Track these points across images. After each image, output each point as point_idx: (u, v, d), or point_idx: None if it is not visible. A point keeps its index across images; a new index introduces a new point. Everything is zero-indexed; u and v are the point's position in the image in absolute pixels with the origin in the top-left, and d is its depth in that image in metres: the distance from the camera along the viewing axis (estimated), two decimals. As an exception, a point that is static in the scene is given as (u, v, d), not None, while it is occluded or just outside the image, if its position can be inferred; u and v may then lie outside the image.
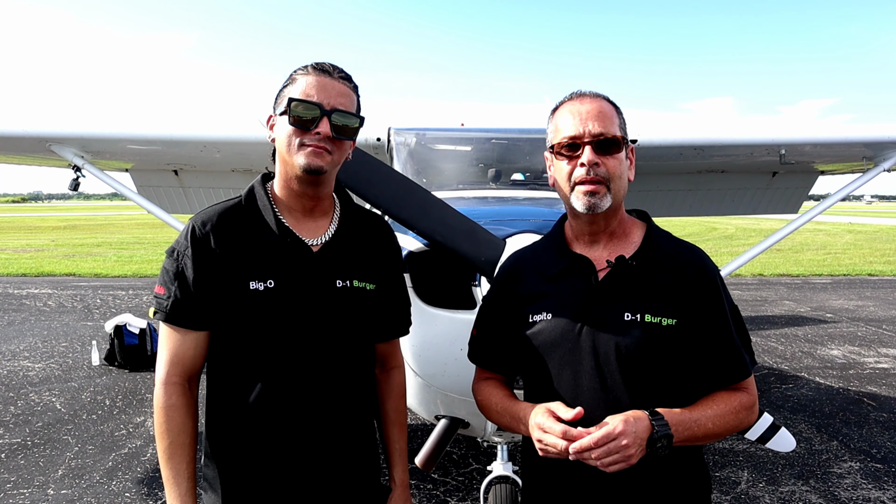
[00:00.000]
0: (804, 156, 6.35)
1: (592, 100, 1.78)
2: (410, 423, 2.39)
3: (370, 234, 1.93)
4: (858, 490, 4.60)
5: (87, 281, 16.14)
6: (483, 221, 2.71)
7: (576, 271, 1.79)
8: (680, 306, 1.71)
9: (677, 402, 1.73)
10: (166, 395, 1.74)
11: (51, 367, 7.86)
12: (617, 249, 1.79)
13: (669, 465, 1.72)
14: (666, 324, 1.69)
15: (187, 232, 1.76)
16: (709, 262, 1.81)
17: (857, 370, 7.84)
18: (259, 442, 1.76)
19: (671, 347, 1.71)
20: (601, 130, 1.72)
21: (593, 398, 1.70)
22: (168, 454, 1.74)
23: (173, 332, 1.76)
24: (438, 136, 5.06)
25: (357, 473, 1.89)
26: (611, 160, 1.72)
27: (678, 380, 1.75)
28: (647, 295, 1.72)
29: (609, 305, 1.73)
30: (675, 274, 1.74)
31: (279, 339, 1.74)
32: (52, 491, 4.55)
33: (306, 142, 1.69)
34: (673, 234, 1.87)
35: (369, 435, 1.95)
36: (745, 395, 1.78)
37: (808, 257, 21.95)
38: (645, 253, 1.77)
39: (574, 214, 1.80)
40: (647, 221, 1.88)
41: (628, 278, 1.74)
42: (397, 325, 2.04)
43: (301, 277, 1.75)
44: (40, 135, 5.40)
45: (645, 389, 1.71)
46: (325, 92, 1.70)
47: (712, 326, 1.75)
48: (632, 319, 1.70)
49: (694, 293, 1.73)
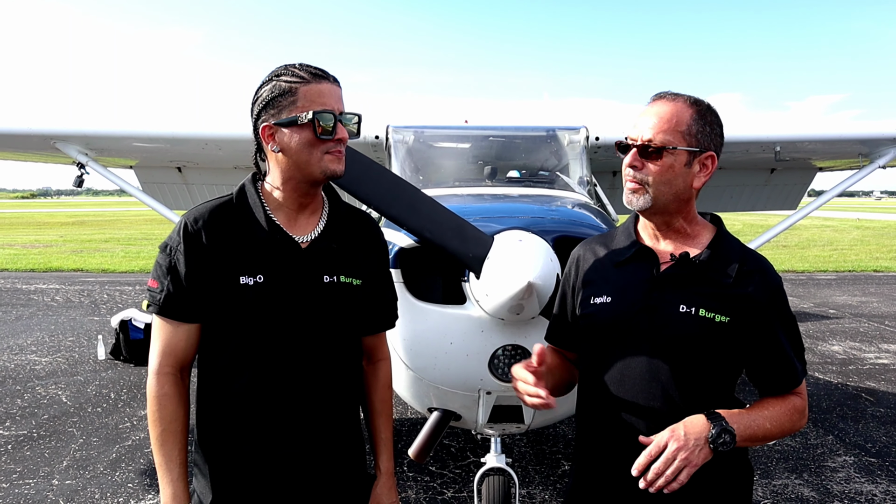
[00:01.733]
0: (801, 152, 6.37)
1: (665, 103, 1.83)
2: (405, 417, 2.45)
3: (357, 231, 2.00)
4: (851, 483, 4.64)
5: (95, 276, 16.28)
6: (473, 219, 2.77)
7: (641, 261, 1.88)
8: (735, 307, 1.78)
9: (719, 397, 1.82)
10: (159, 384, 1.82)
11: (57, 361, 7.97)
12: (684, 247, 1.87)
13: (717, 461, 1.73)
14: (719, 320, 1.77)
15: (180, 228, 1.83)
16: (772, 272, 1.87)
17: (856, 366, 7.87)
18: (247, 430, 1.83)
19: (721, 343, 1.79)
20: (650, 136, 1.79)
21: (640, 382, 1.81)
22: (160, 441, 1.81)
23: (166, 324, 1.83)
24: (436, 133, 5.11)
25: (343, 461, 1.97)
26: (652, 165, 1.79)
27: (723, 376, 1.84)
28: (705, 292, 1.80)
29: (667, 296, 1.81)
30: (737, 279, 1.81)
31: (267, 331, 1.81)
32: (57, 481, 4.65)
33: (329, 150, 1.78)
34: (742, 242, 1.94)
35: (355, 425, 2.02)
36: (798, 399, 1.86)
37: (815, 253, 21.89)
38: (711, 254, 1.84)
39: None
40: (718, 225, 1.95)
41: (689, 275, 1.82)
42: (384, 318, 2.11)
43: (289, 273, 1.82)
44: (45, 132, 5.49)
45: (690, 379, 1.79)
46: (332, 97, 1.78)
47: (767, 333, 1.81)
48: (686, 312, 1.78)
49: (752, 298, 1.79)
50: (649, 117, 1.82)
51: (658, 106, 1.83)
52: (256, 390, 1.82)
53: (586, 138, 5.04)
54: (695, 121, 1.81)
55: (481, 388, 2.94)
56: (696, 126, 1.81)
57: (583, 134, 5.08)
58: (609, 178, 7.22)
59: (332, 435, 1.92)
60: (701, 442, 1.65)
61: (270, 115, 1.79)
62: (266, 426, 1.83)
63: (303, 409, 1.85)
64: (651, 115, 1.82)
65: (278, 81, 1.78)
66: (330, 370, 1.89)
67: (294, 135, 1.77)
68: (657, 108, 1.83)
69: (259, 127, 1.82)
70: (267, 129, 1.80)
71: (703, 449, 1.65)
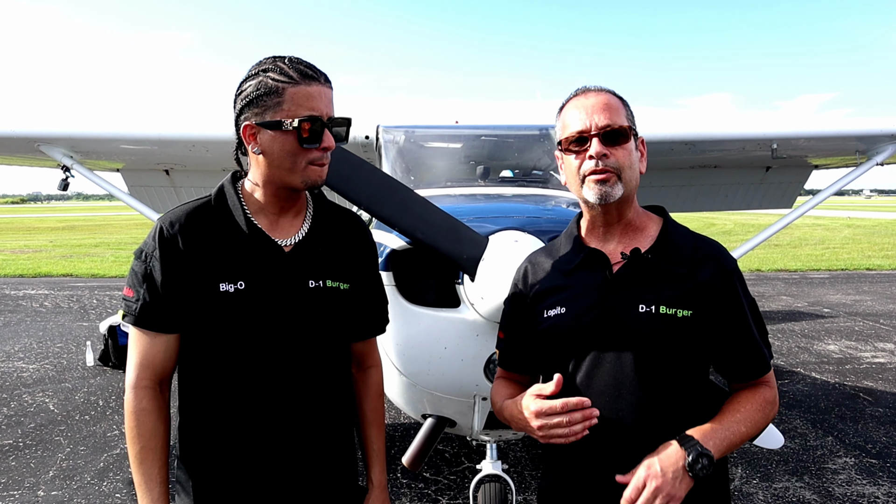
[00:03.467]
0: (797, 150, 6.33)
1: (598, 93, 1.80)
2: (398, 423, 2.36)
3: (344, 233, 1.90)
4: (853, 486, 4.58)
5: (84, 281, 16.12)
6: (466, 219, 2.69)
7: (591, 266, 1.79)
8: (696, 298, 1.71)
9: (689, 396, 1.74)
10: (136, 399, 1.71)
11: (45, 368, 7.84)
12: (632, 243, 1.79)
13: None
14: (681, 315, 1.69)
15: (155, 233, 1.73)
16: (727, 256, 1.80)
17: (853, 365, 7.83)
18: (232, 445, 1.74)
19: (686, 339, 1.71)
20: (608, 122, 1.73)
21: (607, 391, 1.71)
22: (140, 459, 1.71)
23: (143, 335, 1.73)
24: (427, 133, 5.04)
25: (334, 475, 1.87)
26: (619, 150, 1.73)
27: (691, 373, 1.76)
28: (663, 287, 1.72)
29: (623, 298, 1.73)
30: (692, 267, 1.74)
31: (250, 341, 1.71)
32: (43, 492, 4.54)
33: (313, 160, 1.68)
34: (691, 229, 1.87)
35: (346, 436, 1.92)
36: (767, 390, 1.78)
37: (807, 252, 21.93)
38: (661, 246, 1.78)
39: (588, 207, 1.81)
40: (663, 216, 1.88)
41: (643, 271, 1.74)
42: (373, 324, 2.02)
43: (272, 278, 1.72)
44: (28, 135, 5.38)
45: (657, 382, 1.71)
46: (322, 101, 1.67)
47: (731, 320, 1.75)
48: (646, 311, 1.70)
49: (711, 286, 1.73)
50: (594, 107, 1.75)
51: (594, 97, 1.78)
52: (240, 403, 1.72)
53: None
54: (624, 106, 1.81)
55: (476, 393, 2.85)
56: (627, 111, 1.81)
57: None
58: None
59: (322, 447, 1.82)
60: (679, 472, 1.58)
61: (253, 114, 1.67)
62: (251, 440, 1.73)
63: (290, 421, 1.75)
64: (592, 105, 1.76)
65: (265, 78, 1.66)
66: (317, 379, 1.79)
67: (277, 139, 1.66)
68: (595, 99, 1.77)
69: (241, 125, 1.71)
70: (249, 128, 1.69)
71: (682, 479, 1.58)
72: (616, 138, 1.73)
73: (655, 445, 1.66)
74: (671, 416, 1.70)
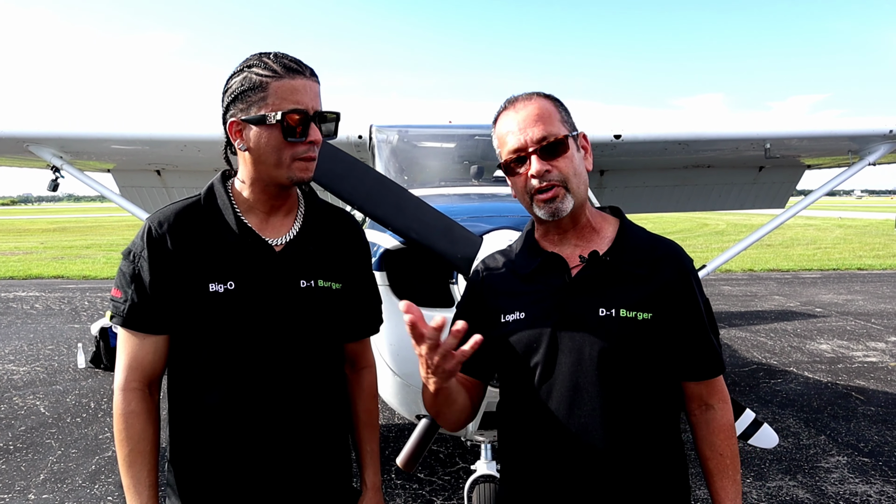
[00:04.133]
0: (790, 150, 6.34)
1: (527, 102, 1.73)
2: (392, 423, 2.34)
3: (336, 232, 1.88)
4: (846, 484, 4.59)
5: (76, 283, 16.02)
6: (460, 218, 2.68)
7: (549, 270, 1.75)
8: (655, 300, 1.69)
9: (652, 400, 1.71)
10: (125, 401, 1.68)
11: (36, 371, 7.78)
12: (589, 245, 1.75)
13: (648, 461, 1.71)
14: (641, 318, 1.67)
15: (143, 233, 1.70)
16: (685, 256, 1.78)
17: (845, 364, 7.85)
18: (222, 448, 1.71)
19: (647, 342, 1.68)
20: (543, 134, 1.67)
21: (567, 396, 1.68)
22: (128, 462, 1.68)
23: (131, 336, 1.70)
24: (420, 132, 5.02)
25: (327, 477, 1.84)
26: (561, 161, 1.68)
27: (652, 377, 1.72)
28: (622, 290, 1.69)
29: (583, 302, 1.69)
30: (651, 268, 1.72)
31: (240, 342, 1.69)
32: (34, 496, 4.50)
33: (299, 155, 1.65)
34: (647, 230, 1.84)
35: (339, 437, 1.90)
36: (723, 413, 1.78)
37: (799, 252, 22.02)
38: (618, 248, 1.74)
39: (540, 222, 1.78)
40: (619, 217, 1.85)
41: (602, 274, 1.71)
42: (367, 324, 1.99)
43: (262, 278, 1.70)
44: (17, 135, 5.34)
45: (619, 386, 1.67)
46: (307, 95, 1.64)
47: (688, 321, 1.73)
48: (607, 315, 1.67)
49: (669, 287, 1.71)
50: (526, 120, 1.70)
51: (523, 109, 1.72)
52: (231, 405, 1.69)
53: (574, 137, 4.97)
54: (557, 108, 1.75)
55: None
56: (561, 112, 1.75)
57: (570, 132, 5.01)
58: (597, 177, 7.16)
59: (314, 449, 1.80)
60: None
61: (239, 110, 1.66)
62: (242, 443, 1.71)
63: (282, 423, 1.73)
64: (524, 117, 1.70)
65: (249, 73, 1.64)
66: (310, 380, 1.77)
67: (262, 134, 1.64)
68: (526, 111, 1.71)
69: (227, 121, 1.69)
70: (235, 124, 1.67)
71: None
72: (555, 150, 1.68)
73: (617, 450, 1.66)
74: (633, 421, 1.69)
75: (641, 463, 1.69)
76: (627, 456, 1.67)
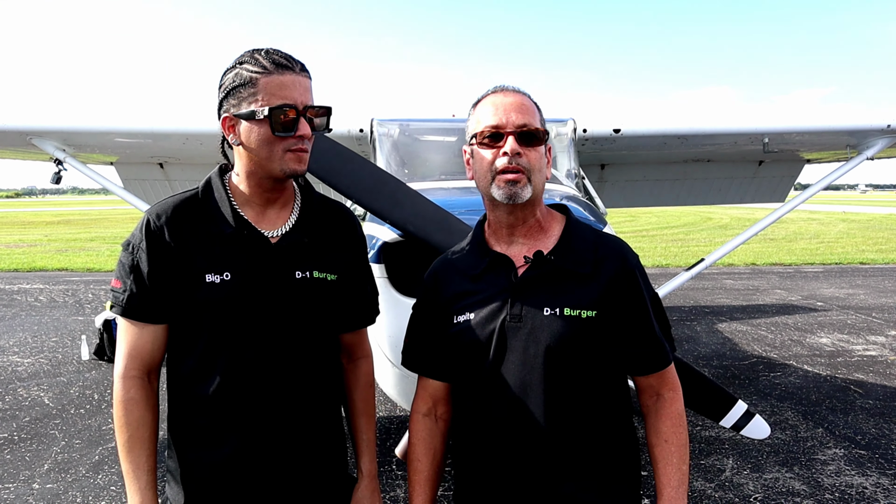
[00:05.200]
0: (789, 144, 6.35)
1: (514, 94, 1.78)
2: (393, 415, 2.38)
3: (332, 224, 1.91)
4: (842, 476, 4.62)
5: (80, 276, 16.09)
6: (458, 211, 2.71)
7: (496, 270, 1.78)
8: (599, 298, 1.72)
9: (600, 397, 1.75)
10: (125, 388, 1.73)
11: (40, 363, 7.84)
12: (536, 245, 1.79)
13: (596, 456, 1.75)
14: (585, 316, 1.70)
15: (142, 225, 1.75)
16: (629, 252, 1.81)
17: (845, 358, 7.87)
18: (219, 435, 1.75)
19: (591, 339, 1.71)
20: (524, 122, 1.72)
21: (515, 395, 1.71)
22: (127, 448, 1.73)
23: (131, 325, 1.75)
24: (421, 126, 5.05)
25: (322, 464, 1.89)
26: (532, 152, 1.72)
27: (598, 373, 1.75)
28: (566, 288, 1.73)
29: (529, 301, 1.72)
30: (595, 266, 1.75)
31: (236, 332, 1.73)
32: (38, 485, 4.56)
33: (290, 147, 1.68)
34: (594, 227, 1.87)
35: (335, 426, 1.94)
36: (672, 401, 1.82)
37: (801, 246, 22.00)
38: (563, 247, 1.77)
39: (493, 206, 1.79)
40: (566, 215, 1.88)
41: (547, 273, 1.74)
42: (363, 314, 2.03)
43: (258, 270, 1.74)
44: (21, 129, 5.37)
45: (565, 384, 1.71)
46: (296, 90, 1.67)
47: (632, 317, 1.76)
48: (551, 314, 1.70)
49: (613, 284, 1.73)
50: (511, 105, 1.74)
51: (511, 96, 1.77)
52: (228, 393, 1.73)
53: (574, 130, 4.98)
54: (539, 111, 1.81)
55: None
56: (541, 116, 1.81)
57: (570, 126, 5.02)
58: (597, 171, 7.18)
59: (310, 437, 1.84)
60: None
61: (231, 106, 1.70)
62: (239, 430, 1.75)
63: (278, 410, 1.77)
64: (510, 103, 1.74)
65: (240, 70, 1.69)
66: (305, 369, 1.81)
67: (253, 129, 1.68)
68: (513, 98, 1.76)
69: (221, 116, 1.74)
70: (227, 120, 1.72)
71: None
72: (530, 139, 1.72)
73: (564, 446, 1.70)
74: (580, 417, 1.72)
75: (589, 458, 1.73)
76: (575, 452, 1.71)
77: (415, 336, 1.95)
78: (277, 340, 1.76)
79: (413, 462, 1.92)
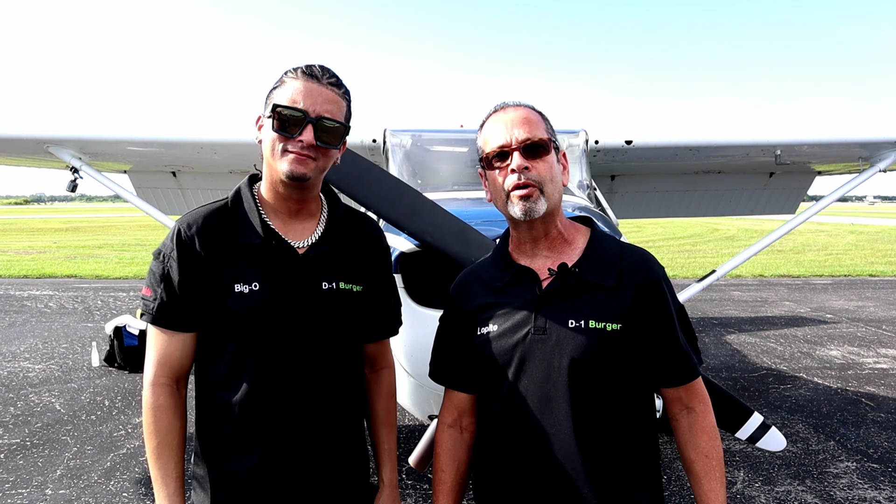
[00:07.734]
0: (800, 156, 6.35)
1: (516, 108, 1.80)
2: (403, 424, 2.40)
3: (358, 236, 1.94)
4: (854, 490, 4.60)
5: (89, 282, 16.17)
6: (474, 222, 2.73)
7: (520, 282, 1.79)
8: (624, 310, 1.71)
9: (624, 410, 1.75)
10: (154, 395, 1.75)
11: (51, 369, 7.88)
12: (560, 257, 1.79)
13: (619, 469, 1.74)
14: (611, 329, 1.69)
15: (173, 234, 1.78)
16: (655, 264, 1.81)
17: (855, 370, 7.84)
18: (246, 443, 1.77)
19: (617, 352, 1.71)
20: (528, 135, 1.73)
21: (539, 408, 1.71)
22: (156, 454, 1.75)
23: (160, 333, 1.77)
24: (434, 137, 5.08)
25: (345, 472, 1.91)
26: (540, 164, 1.73)
27: (623, 387, 1.75)
28: (591, 301, 1.73)
29: (553, 314, 1.72)
30: (620, 278, 1.74)
31: (263, 341, 1.75)
32: (51, 491, 4.58)
33: (290, 148, 1.71)
34: (619, 239, 1.88)
35: (358, 435, 1.96)
36: (704, 415, 1.82)
37: (810, 258, 21.92)
38: (588, 259, 1.77)
39: (514, 223, 1.81)
40: (591, 227, 1.88)
41: (571, 285, 1.74)
42: (386, 325, 2.05)
43: (286, 280, 1.77)
44: (39, 137, 5.43)
45: (590, 397, 1.71)
46: (311, 98, 1.70)
47: (659, 329, 1.75)
48: (576, 326, 1.70)
49: (639, 297, 1.73)
50: (513, 121, 1.76)
51: (513, 112, 1.79)
52: (255, 401, 1.75)
53: (585, 142, 5.00)
54: (545, 120, 1.82)
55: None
56: (546, 123, 1.81)
57: (582, 137, 5.04)
58: (608, 182, 7.19)
59: (334, 445, 1.86)
60: None
61: (264, 107, 1.78)
62: (266, 438, 1.77)
63: (303, 419, 1.79)
64: (512, 119, 1.76)
65: (282, 76, 1.77)
66: (330, 379, 1.83)
67: (265, 126, 1.75)
68: (514, 114, 1.78)
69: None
70: (259, 119, 1.80)
71: None
72: (536, 151, 1.73)
73: (589, 462, 1.68)
74: (604, 430, 1.72)
75: (613, 471, 1.72)
76: (598, 464, 1.70)
77: (440, 348, 1.96)
78: (304, 350, 1.78)
79: (437, 472, 1.93)
